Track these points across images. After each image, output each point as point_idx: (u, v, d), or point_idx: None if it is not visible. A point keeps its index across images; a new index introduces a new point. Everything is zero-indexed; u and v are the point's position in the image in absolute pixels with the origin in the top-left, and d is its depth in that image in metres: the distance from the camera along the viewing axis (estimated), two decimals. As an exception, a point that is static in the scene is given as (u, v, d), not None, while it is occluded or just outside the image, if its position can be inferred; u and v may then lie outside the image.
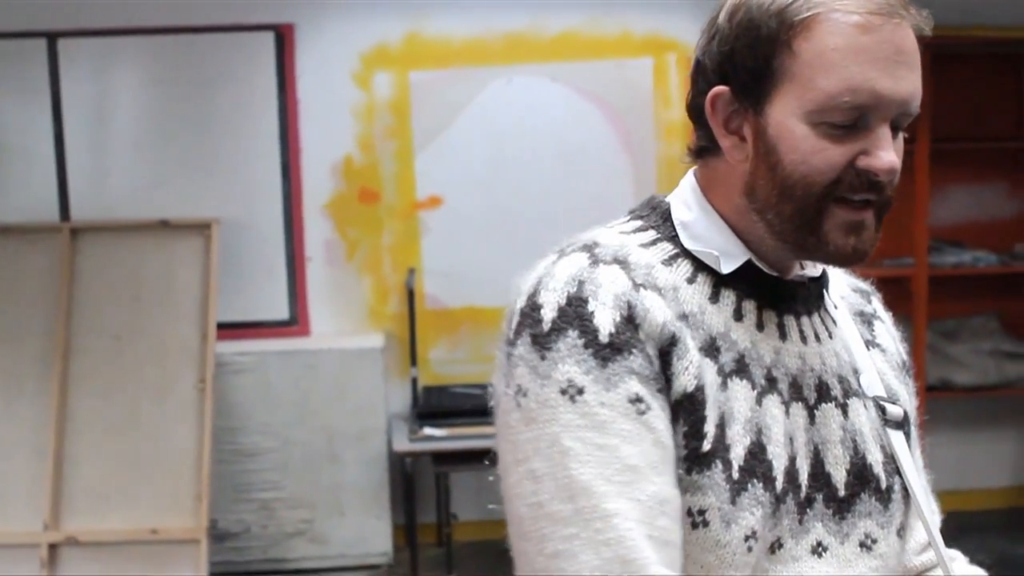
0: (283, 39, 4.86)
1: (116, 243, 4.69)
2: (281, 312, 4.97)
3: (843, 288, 1.35)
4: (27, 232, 4.69)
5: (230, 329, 4.80)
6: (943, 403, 5.12)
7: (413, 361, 4.82)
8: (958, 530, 1.37)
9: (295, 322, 4.98)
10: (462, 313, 4.97)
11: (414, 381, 4.81)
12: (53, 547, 4.36)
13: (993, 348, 5.15)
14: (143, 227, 4.70)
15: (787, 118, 1.09)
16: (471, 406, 4.47)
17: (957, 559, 1.40)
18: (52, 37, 4.82)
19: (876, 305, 1.37)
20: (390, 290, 4.99)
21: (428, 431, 4.45)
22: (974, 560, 1.38)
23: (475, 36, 4.90)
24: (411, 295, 4.79)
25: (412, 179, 4.94)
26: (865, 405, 1.23)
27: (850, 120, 1.07)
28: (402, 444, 4.46)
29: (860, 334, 1.30)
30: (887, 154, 1.08)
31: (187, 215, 4.75)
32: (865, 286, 1.39)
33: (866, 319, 1.34)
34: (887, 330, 1.35)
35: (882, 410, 1.24)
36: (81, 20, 4.80)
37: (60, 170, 4.89)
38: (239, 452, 4.71)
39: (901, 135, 1.13)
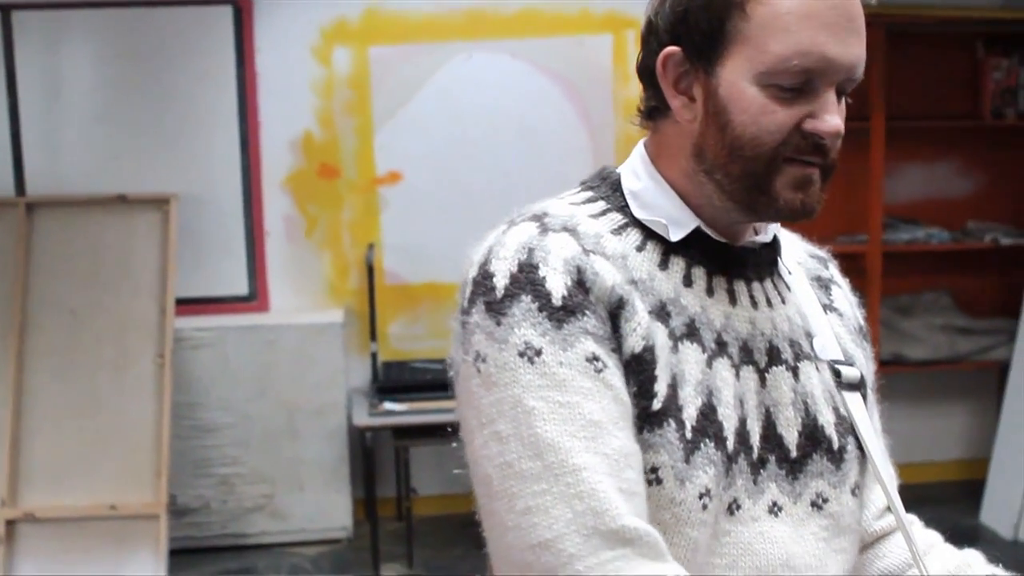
0: (241, 13, 4.81)
1: (73, 218, 4.65)
2: (240, 287, 4.95)
3: (800, 254, 1.38)
4: (-18, 207, 4.66)
5: (189, 304, 4.78)
6: (896, 377, 5.20)
7: (373, 336, 4.82)
8: (911, 502, 1.41)
9: (254, 297, 4.96)
10: (421, 289, 4.98)
11: (374, 356, 4.81)
12: (11, 523, 4.35)
13: (945, 323, 5.23)
14: (100, 202, 4.67)
15: (738, 79, 1.12)
16: (431, 381, 4.49)
17: (913, 523, 1.44)
18: (6, 9, 4.75)
19: (833, 271, 1.40)
20: (350, 266, 4.98)
21: (388, 406, 4.47)
22: (926, 531, 1.41)
23: (435, 12, 4.88)
24: (371, 271, 4.78)
25: (371, 155, 4.92)
26: (817, 368, 1.26)
27: (799, 83, 1.11)
28: (362, 419, 4.47)
29: (817, 299, 1.32)
30: (833, 118, 1.12)
31: (145, 190, 4.72)
32: (822, 253, 1.42)
33: (823, 284, 1.37)
34: (844, 295, 1.38)
35: (836, 373, 1.27)
36: (36, -8, 4.74)
37: (15, 144, 4.83)
38: (198, 428, 4.70)
39: (845, 100, 1.16)
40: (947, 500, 5.09)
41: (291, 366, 4.71)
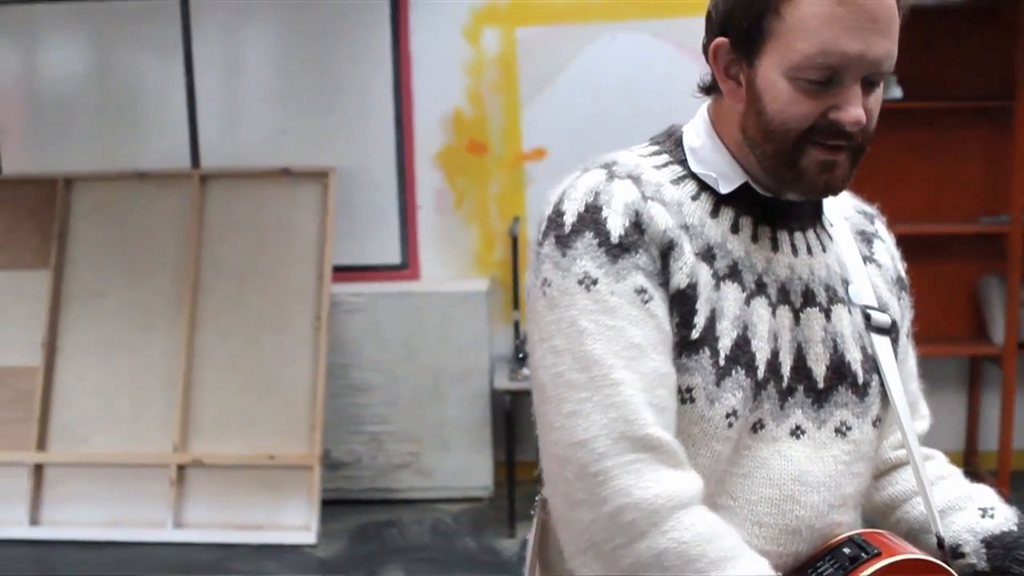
0: (398, -3, 5.06)
1: (241, 189, 4.98)
2: (393, 256, 5.21)
3: (848, 209, 1.53)
4: (161, 178, 5.02)
5: (345, 271, 5.06)
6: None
7: (516, 305, 5.02)
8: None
9: (406, 266, 5.20)
10: (563, 260, 5.11)
11: (516, 324, 5.01)
12: (181, 468, 4.72)
13: (1091, 309, 5.10)
14: (266, 174, 4.98)
15: (771, 72, 1.27)
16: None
17: (936, 458, 1.57)
18: (185, -5, 5.12)
19: (879, 226, 1.55)
20: (496, 237, 5.17)
21: (529, 371, 4.63)
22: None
23: (580, -7, 5.01)
24: (515, 242, 4.97)
25: (518, 131, 5.11)
26: (850, 311, 1.41)
27: (824, 78, 1.24)
28: (503, 383, 4.67)
29: (859, 250, 1.47)
30: (855, 109, 1.25)
31: (307, 164, 5.01)
32: (870, 209, 1.57)
33: (866, 238, 1.51)
34: (887, 249, 1.53)
35: (867, 317, 1.42)
36: (212, -20, 5.08)
37: (191, 121, 5.18)
38: (351, 387, 4.96)
39: (880, 88, 1.30)
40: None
41: (438, 331, 4.93)
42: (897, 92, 4.59)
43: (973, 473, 4.87)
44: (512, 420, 4.65)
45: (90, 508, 4.74)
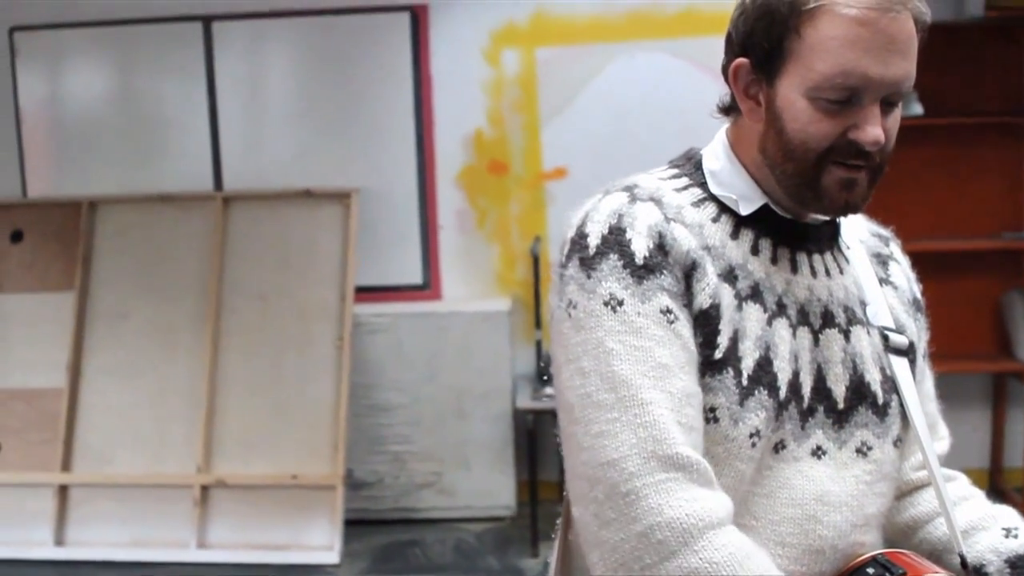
0: (418, 19, 5.09)
1: (264, 211, 5.02)
2: (415, 277, 5.23)
3: (863, 233, 1.53)
4: (184, 200, 5.06)
5: (367, 292, 5.08)
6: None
7: (538, 324, 5.02)
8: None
9: (428, 286, 5.23)
10: (584, 279, 5.11)
11: (538, 344, 5.01)
12: (205, 488, 4.74)
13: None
14: (288, 196, 5.01)
15: (791, 92, 1.28)
16: (591, 368, 4.63)
17: (958, 479, 1.56)
18: (207, 20, 5.16)
19: (894, 249, 1.56)
20: (517, 257, 5.19)
21: (550, 391, 4.65)
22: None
23: (599, 14, 5.03)
24: (536, 261, 4.97)
25: (538, 151, 5.13)
26: (868, 332, 1.41)
27: (843, 98, 1.26)
28: (525, 402, 4.67)
29: (875, 272, 1.47)
30: (874, 129, 1.26)
31: (329, 185, 5.04)
32: (885, 232, 1.58)
33: (882, 260, 1.52)
34: (902, 271, 1.54)
35: (885, 338, 1.42)
36: (234, 5, 5.12)
37: (214, 143, 5.22)
38: (373, 407, 4.98)
39: (899, 108, 1.31)
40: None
41: (460, 351, 4.94)
42: (918, 109, 4.59)
43: (998, 491, 4.86)
44: (534, 439, 4.65)
45: (114, 528, 4.76)
